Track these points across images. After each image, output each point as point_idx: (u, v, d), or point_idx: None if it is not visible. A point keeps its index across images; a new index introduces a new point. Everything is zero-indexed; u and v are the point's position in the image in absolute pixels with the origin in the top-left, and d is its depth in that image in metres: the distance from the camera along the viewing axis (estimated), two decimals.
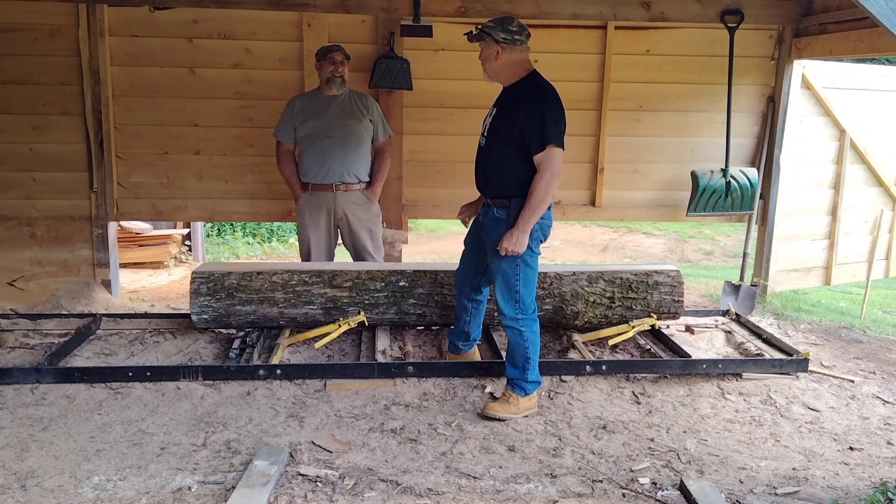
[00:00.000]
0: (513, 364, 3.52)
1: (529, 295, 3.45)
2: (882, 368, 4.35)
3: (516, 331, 3.46)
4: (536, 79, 3.38)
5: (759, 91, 5.43)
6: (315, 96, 4.56)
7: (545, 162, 3.24)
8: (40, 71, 4.89)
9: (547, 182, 3.24)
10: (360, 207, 4.62)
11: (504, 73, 3.39)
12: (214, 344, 4.22)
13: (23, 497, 2.75)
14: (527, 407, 3.52)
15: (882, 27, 2.62)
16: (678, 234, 10.36)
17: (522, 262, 3.38)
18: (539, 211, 3.28)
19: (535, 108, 3.26)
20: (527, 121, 3.26)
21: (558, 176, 3.27)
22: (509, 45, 3.32)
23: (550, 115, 3.25)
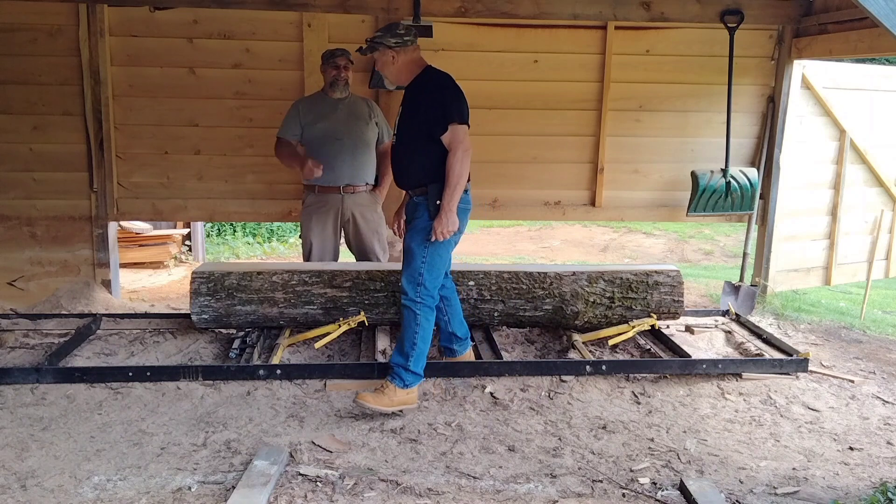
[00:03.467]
0: (399, 349, 3.50)
1: (433, 280, 3.48)
2: (882, 368, 4.35)
3: (411, 311, 3.46)
4: (431, 72, 3.52)
5: (759, 91, 5.43)
6: (320, 99, 4.56)
7: (453, 140, 3.37)
8: (40, 71, 4.89)
9: (460, 159, 3.35)
10: (368, 209, 4.63)
11: (403, 74, 3.51)
12: (214, 344, 4.22)
13: (23, 497, 2.75)
14: (402, 401, 3.45)
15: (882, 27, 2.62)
16: (678, 234, 10.36)
17: (432, 246, 3.44)
18: (459, 188, 3.37)
19: (434, 94, 3.41)
20: (428, 109, 3.40)
21: (469, 151, 3.38)
22: (402, 48, 3.44)
23: (448, 97, 3.40)
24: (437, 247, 3.46)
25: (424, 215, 3.46)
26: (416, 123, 3.44)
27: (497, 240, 10.07)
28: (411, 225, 3.52)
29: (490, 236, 10.30)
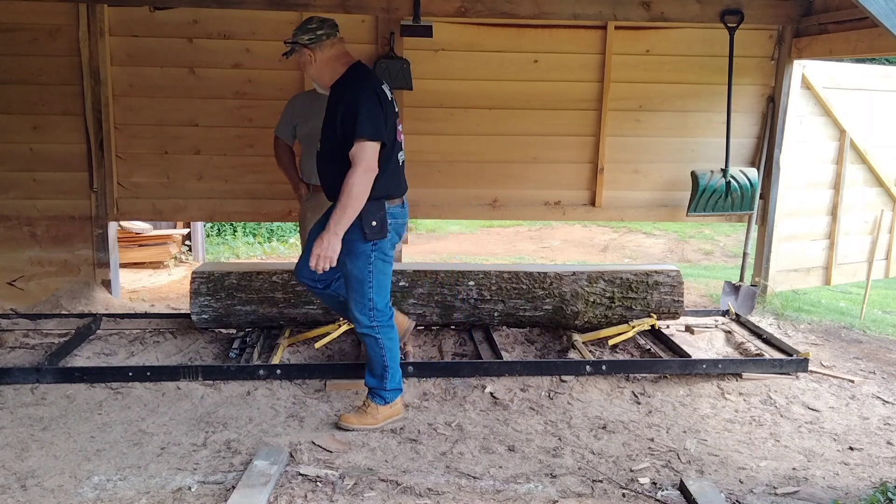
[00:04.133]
0: (371, 373, 3.40)
1: (383, 300, 3.30)
2: (882, 368, 4.35)
3: (372, 338, 3.31)
4: (357, 72, 3.20)
5: (759, 91, 5.43)
6: (315, 96, 4.55)
7: (356, 156, 3.04)
8: (40, 71, 4.89)
9: (357, 178, 3.03)
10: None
11: (324, 73, 3.23)
12: (214, 344, 4.22)
13: (23, 497, 2.75)
14: (387, 415, 3.39)
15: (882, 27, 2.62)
16: (678, 234, 10.36)
17: (374, 268, 3.21)
18: (349, 210, 3.05)
19: (351, 104, 3.08)
20: (344, 118, 3.10)
21: (372, 172, 3.05)
22: (317, 44, 3.18)
23: (363, 110, 3.05)
24: (379, 266, 3.23)
25: (358, 237, 3.16)
26: (336, 131, 3.14)
27: (497, 240, 10.07)
28: (346, 248, 3.16)
29: (490, 236, 10.30)
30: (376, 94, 3.13)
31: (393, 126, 3.22)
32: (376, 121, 3.08)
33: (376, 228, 3.17)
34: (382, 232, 3.19)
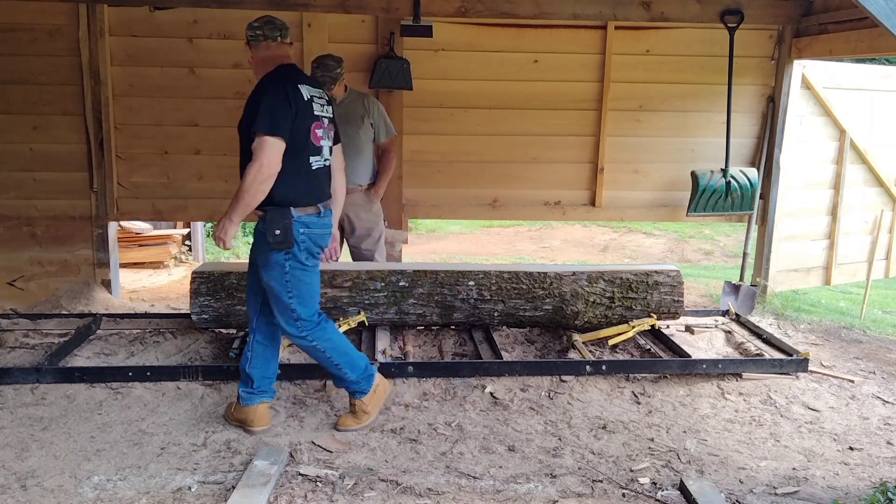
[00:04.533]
0: (332, 376, 3.38)
1: (307, 309, 3.21)
2: (882, 368, 4.35)
3: (309, 346, 3.26)
4: (277, 71, 3.14)
5: (759, 91, 5.43)
6: None
7: (254, 151, 3.03)
8: (40, 71, 4.89)
9: (252, 171, 3.00)
10: (362, 208, 4.63)
11: (258, 72, 3.20)
12: (214, 344, 4.22)
13: (23, 497, 2.75)
14: (376, 401, 3.37)
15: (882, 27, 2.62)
16: (678, 234, 10.36)
17: (291, 277, 3.13)
18: (242, 201, 3.03)
19: (255, 99, 3.06)
20: (247, 112, 3.10)
21: (268, 167, 2.99)
22: (254, 43, 3.19)
23: (265, 104, 3.00)
24: (297, 276, 3.15)
25: (266, 247, 3.11)
26: (247, 134, 3.11)
27: (497, 240, 10.08)
28: (261, 259, 3.16)
29: (490, 236, 10.31)
30: (286, 92, 3.04)
31: (306, 129, 3.10)
32: (276, 117, 3.00)
33: (280, 238, 3.07)
34: (287, 242, 3.08)
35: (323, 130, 3.21)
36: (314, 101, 3.16)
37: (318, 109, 3.18)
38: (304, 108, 3.09)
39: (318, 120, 3.17)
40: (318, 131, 3.17)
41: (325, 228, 3.25)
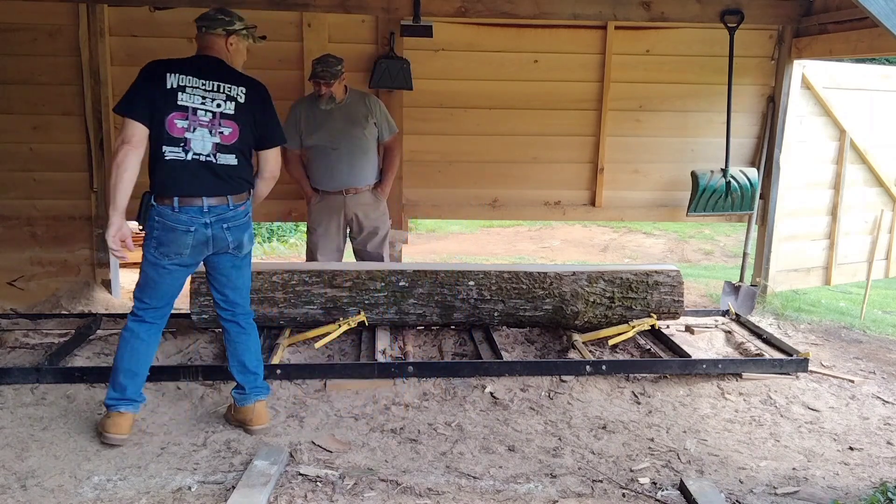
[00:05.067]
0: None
1: (142, 304, 3.14)
2: (882, 368, 4.35)
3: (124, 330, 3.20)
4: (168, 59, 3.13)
5: (759, 91, 5.43)
6: (316, 102, 4.55)
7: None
8: (40, 71, 4.89)
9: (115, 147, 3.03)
10: (371, 207, 4.67)
11: None
12: (214, 344, 4.22)
13: (23, 497, 2.75)
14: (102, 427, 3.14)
15: (882, 27, 2.62)
16: (678, 234, 10.36)
17: (145, 263, 3.11)
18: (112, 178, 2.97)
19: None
20: None
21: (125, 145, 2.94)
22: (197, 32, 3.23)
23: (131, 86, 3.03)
24: (147, 265, 3.10)
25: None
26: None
27: (497, 240, 10.08)
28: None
29: (490, 236, 10.31)
30: (152, 76, 3.01)
31: (162, 117, 2.98)
32: (132, 97, 2.99)
33: (140, 217, 3.08)
34: (142, 221, 3.08)
35: (188, 122, 3.00)
36: (184, 91, 3.00)
37: (188, 100, 3.00)
38: (164, 96, 2.98)
39: (182, 110, 2.99)
40: (179, 122, 2.99)
41: (180, 225, 3.03)
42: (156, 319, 3.20)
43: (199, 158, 3.05)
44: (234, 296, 3.28)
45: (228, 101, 3.09)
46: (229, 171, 3.11)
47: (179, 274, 3.17)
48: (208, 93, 3.06)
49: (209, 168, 3.07)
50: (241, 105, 3.12)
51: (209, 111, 3.06)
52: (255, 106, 3.16)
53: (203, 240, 3.08)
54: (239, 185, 3.16)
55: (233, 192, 3.13)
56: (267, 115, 3.22)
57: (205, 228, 3.06)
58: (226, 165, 3.10)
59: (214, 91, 3.07)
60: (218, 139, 3.07)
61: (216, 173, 3.08)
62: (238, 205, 3.15)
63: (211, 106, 3.06)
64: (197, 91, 3.04)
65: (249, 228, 3.24)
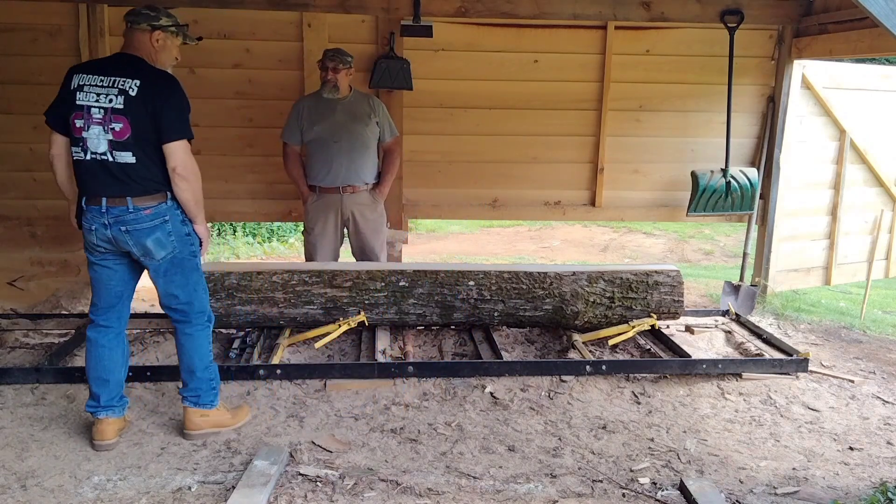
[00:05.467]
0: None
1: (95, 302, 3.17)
2: (882, 368, 4.35)
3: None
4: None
5: (759, 91, 5.43)
6: (320, 98, 4.56)
7: None
8: (40, 71, 4.88)
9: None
10: (368, 208, 4.64)
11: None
12: (214, 344, 4.18)
13: (23, 497, 2.75)
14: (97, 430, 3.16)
15: (882, 27, 2.62)
16: (678, 234, 10.36)
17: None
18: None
19: None
20: None
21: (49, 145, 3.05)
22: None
23: None
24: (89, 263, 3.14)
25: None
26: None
27: (497, 240, 10.08)
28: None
29: (490, 236, 10.31)
30: (65, 79, 3.03)
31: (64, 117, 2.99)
32: (50, 104, 3.04)
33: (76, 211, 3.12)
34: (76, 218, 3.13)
35: (84, 121, 2.94)
36: (82, 90, 2.96)
37: (84, 98, 2.95)
38: (68, 97, 2.98)
39: (79, 109, 2.94)
40: (77, 121, 2.95)
41: (86, 223, 3.04)
42: (108, 322, 3.17)
43: (96, 157, 2.98)
44: (167, 300, 3.17)
45: (119, 96, 2.94)
46: (127, 171, 2.97)
47: (108, 273, 3.12)
48: (102, 89, 2.96)
49: (106, 167, 2.98)
50: (132, 98, 2.94)
51: (102, 108, 2.94)
52: (148, 99, 2.95)
53: (105, 239, 3.04)
54: (141, 186, 3.00)
55: (133, 194, 2.99)
56: (164, 108, 2.99)
57: (104, 229, 3.01)
58: (123, 164, 2.97)
59: (108, 87, 2.96)
60: (111, 136, 2.95)
61: (113, 172, 2.98)
62: (141, 207, 2.99)
63: (104, 102, 2.95)
64: (93, 89, 2.96)
65: (156, 233, 3.03)
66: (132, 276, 3.19)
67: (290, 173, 4.66)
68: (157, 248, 3.05)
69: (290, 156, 4.61)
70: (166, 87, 3.03)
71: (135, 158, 2.98)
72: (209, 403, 3.24)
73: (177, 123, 3.05)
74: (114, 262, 3.12)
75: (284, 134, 4.60)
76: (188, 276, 3.15)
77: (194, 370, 3.21)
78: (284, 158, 4.65)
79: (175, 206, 3.08)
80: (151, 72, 3.03)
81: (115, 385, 3.18)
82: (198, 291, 3.20)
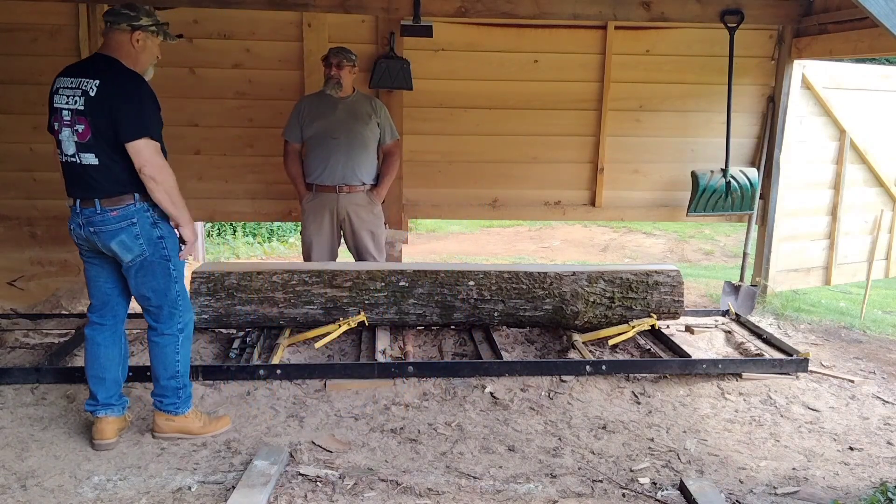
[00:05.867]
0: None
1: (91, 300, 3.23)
2: (882, 368, 4.35)
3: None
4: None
5: (759, 91, 5.43)
6: (323, 97, 4.56)
7: None
8: (40, 71, 4.87)
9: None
10: (364, 209, 4.63)
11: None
12: (214, 344, 4.22)
13: (23, 497, 2.75)
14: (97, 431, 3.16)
15: (882, 27, 2.62)
16: (678, 234, 10.36)
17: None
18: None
19: None
20: None
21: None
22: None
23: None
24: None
25: None
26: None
27: (497, 240, 10.08)
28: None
29: (490, 236, 10.31)
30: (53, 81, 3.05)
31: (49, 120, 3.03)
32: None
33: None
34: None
35: (58, 123, 2.96)
36: (58, 93, 2.98)
37: (58, 101, 2.97)
38: (50, 100, 3.02)
39: (55, 112, 2.97)
40: (55, 124, 2.98)
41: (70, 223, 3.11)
42: (103, 320, 3.19)
43: (68, 160, 2.99)
44: (139, 300, 3.14)
45: (81, 97, 2.93)
46: (91, 172, 2.96)
47: (96, 271, 3.15)
48: (70, 90, 2.96)
49: (75, 169, 2.99)
50: (91, 99, 2.91)
51: (69, 109, 2.94)
52: (105, 98, 2.90)
53: (82, 239, 3.08)
54: (108, 187, 2.97)
55: (100, 195, 2.98)
56: (122, 107, 2.91)
57: (79, 229, 3.06)
58: (89, 166, 2.95)
59: (74, 88, 2.96)
60: (76, 138, 2.94)
61: (81, 175, 2.98)
62: (108, 209, 2.97)
63: (70, 104, 2.94)
64: (65, 91, 2.97)
65: (121, 235, 2.99)
66: (119, 274, 3.17)
67: (288, 171, 4.66)
68: (123, 250, 3.01)
69: (290, 154, 4.62)
70: (126, 87, 2.95)
71: (97, 160, 2.95)
72: (173, 410, 3.21)
73: (135, 121, 2.92)
74: (99, 260, 3.14)
75: (285, 132, 4.62)
76: (158, 279, 3.09)
77: (159, 378, 3.20)
78: (284, 156, 4.66)
79: (145, 209, 3.03)
80: (115, 71, 2.96)
81: (112, 383, 3.19)
82: (169, 296, 3.12)
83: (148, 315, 3.17)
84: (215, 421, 3.33)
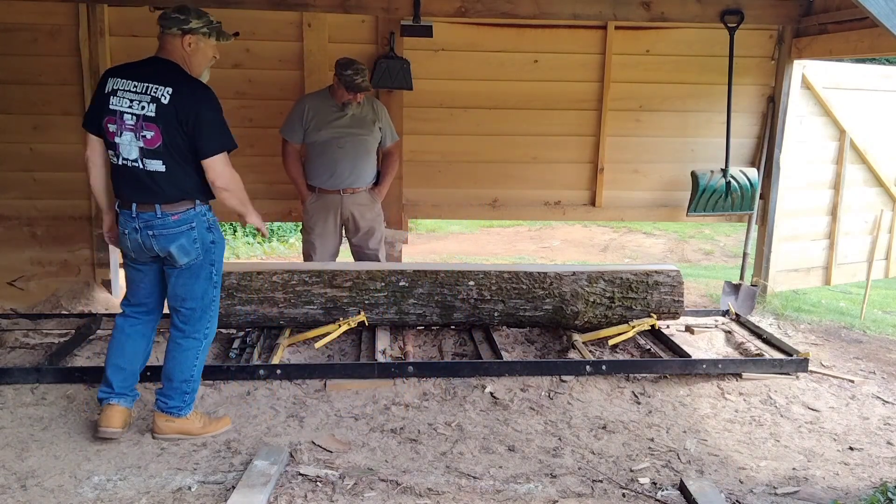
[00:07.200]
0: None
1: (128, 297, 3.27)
2: (882, 368, 4.35)
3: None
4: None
5: (759, 91, 5.43)
6: (327, 99, 4.55)
7: None
8: (40, 71, 4.88)
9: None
10: (367, 207, 4.67)
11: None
12: (214, 344, 4.22)
13: (23, 497, 2.75)
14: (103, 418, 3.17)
15: (882, 27, 2.63)
16: (678, 234, 10.36)
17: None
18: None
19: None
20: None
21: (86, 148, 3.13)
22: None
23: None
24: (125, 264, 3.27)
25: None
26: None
27: (497, 240, 10.08)
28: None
29: (490, 236, 10.31)
30: (100, 82, 3.05)
31: (99, 121, 3.00)
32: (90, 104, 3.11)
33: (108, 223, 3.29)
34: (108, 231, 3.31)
35: (117, 126, 2.96)
36: (115, 94, 2.96)
37: (117, 103, 2.95)
38: (102, 101, 3.00)
39: (112, 114, 2.96)
40: (111, 126, 2.97)
41: (120, 227, 3.11)
42: (137, 315, 3.24)
43: (127, 164, 2.99)
44: (173, 300, 3.17)
45: (151, 104, 2.93)
46: (156, 178, 2.98)
47: (141, 275, 3.19)
48: (136, 95, 2.95)
49: (136, 174, 2.99)
50: (164, 107, 2.92)
51: (134, 114, 2.94)
52: (180, 108, 2.93)
53: (136, 243, 3.08)
54: (170, 193, 3.01)
55: (162, 201, 3.00)
56: (198, 121, 2.95)
57: (135, 233, 3.06)
58: (154, 172, 2.98)
59: (142, 93, 2.95)
60: (142, 143, 2.95)
61: (143, 180, 2.99)
62: (168, 213, 3.01)
63: (136, 109, 2.94)
64: (127, 94, 2.96)
65: (181, 239, 3.04)
66: (160, 281, 3.22)
67: (289, 172, 4.66)
68: (181, 253, 3.06)
69: (290, 154, 4.62)
70: (202, 99, 2.99)
71: (165, 167, 2.98)
72: (176, 412, 3.20)
73: (217, 138, 3.01)
74: (144, 267, 3.18)
75: (285, 130, 4.59)
76: (201, 283, 3.15)
77: (172, 378, 3.20)
78: (284, 156, 4.65)
79: (202, 213, 3.10)
80: (184, 80, 3.00)
81: (130, 375, 3.23)
82: (204, 300, 3.18)
83: (177, 316, 3.19)
84: (215, 421, 3.32)
